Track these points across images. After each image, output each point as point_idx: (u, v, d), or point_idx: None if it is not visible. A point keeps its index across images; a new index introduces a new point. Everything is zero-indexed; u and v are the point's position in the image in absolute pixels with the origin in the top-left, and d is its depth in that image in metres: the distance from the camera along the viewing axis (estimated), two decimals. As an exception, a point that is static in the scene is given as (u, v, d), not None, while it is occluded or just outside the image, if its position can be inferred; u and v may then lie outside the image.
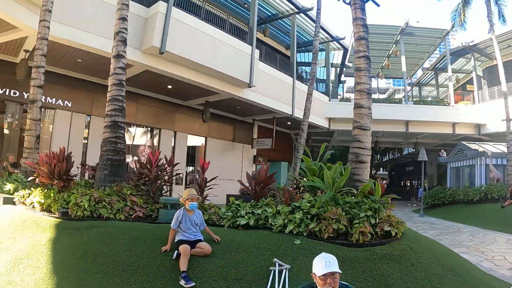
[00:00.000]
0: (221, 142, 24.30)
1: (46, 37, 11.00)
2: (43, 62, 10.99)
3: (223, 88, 18.11)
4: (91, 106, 17.64)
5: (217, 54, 16.73)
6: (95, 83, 17.64)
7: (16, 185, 9.47)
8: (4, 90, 15.37)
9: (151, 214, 7.74)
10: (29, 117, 10.76)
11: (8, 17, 11.69)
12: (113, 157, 8.89)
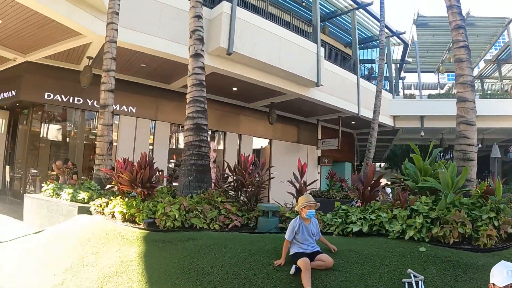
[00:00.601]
0: (285, 143, 23.51)
1: (115, 40, 10.56)
2: (113, 66, 10.52)
3: (290, 88, 17.31)
4: (155, 111, 17.43)
5: (284, 53, 15.97)
6: (159, 88, 17.48)
7: (91, 193, 8.93)
8: (68, 98, 15.34)
9: (247, 222, 7.05)
10: (100, 123, 10.28)
11: (72, 24, 11.37)
12: (197, 161, 8.23)
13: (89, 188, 9.30)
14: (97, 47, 13.22)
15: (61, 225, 7.81)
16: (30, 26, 12.15)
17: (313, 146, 25.68)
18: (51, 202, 9.01)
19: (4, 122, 18.20)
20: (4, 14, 11.47)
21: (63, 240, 6.80)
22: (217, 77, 15.85)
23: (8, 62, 15.85)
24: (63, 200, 9.01)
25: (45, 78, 15.13)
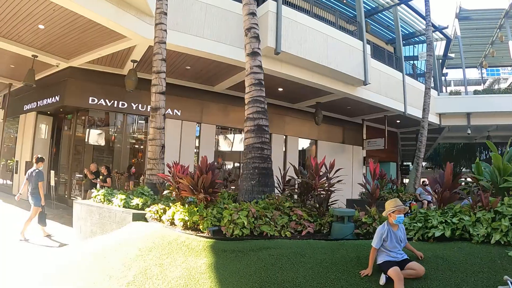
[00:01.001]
0: (331, 144, 22.88)
1: (164, 41, 10.22)
2: (163, 67, 10.17)
3: (337, 87, 16.73)
4: (200, 114, 17.17)
5: (331, 52, 15.43)
6: (203, 90, 17.22)
7: (145, 199, 8.53)
8: (112, 102, 15.22)
9: (320, 229, 6.54)
10: (152, 126, 9.93)
11: (117, 27, 11.11)
12: (260, 164, 7.78)
13: (142, 194, 8.92)
14: (142, 50, 12.99)
15: (117, 233, 7.43)
16: (74, 30, 11.96)
17: (358, 146, 24.94)
18: (103, 208, 8.65)
19: (47, 127, 18.17)
20: (47, 20, 11.32)
21: (122, 249, 6.39)
22: (265, 77, 15.30)
23: (51, 68, 15.80)
24: (115, 206, 8.65)
25: (88, 83, 15.04)
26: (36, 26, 11.82)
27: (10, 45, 13.37)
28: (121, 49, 13.10)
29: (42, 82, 15.91)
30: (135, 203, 8.46)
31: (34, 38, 12.91)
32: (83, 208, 9.27)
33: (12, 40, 13.19)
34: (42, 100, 16.43)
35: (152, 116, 9.99)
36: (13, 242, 9.10)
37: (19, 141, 18.79)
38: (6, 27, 12.16)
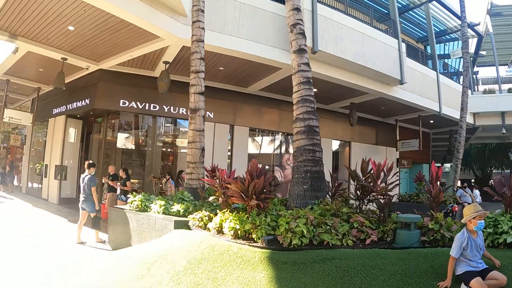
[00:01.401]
0: (364, 145, 22.26)
1: (202, 39, 9.82)
2: (202, 67, 9.77)
3: (373, 87, 16.21)
4: (233, 116, 16.75)
5: (367, 50, 14.96)
6: (236, 92, 16.81)
7: (186, 205, 8.05)
8: (144, 104, 14.92)
9: (382, 236, 6.05)
10: (191, 128, 9.50)
11: (151, 26, 10.78)
12: (312, 168, 7.30)
13: (182, 199, 8.46)
14: (175, 51, 12.62)
15: (158, 242, 6.99)
16: (105, 31, 11.67)
17: (391, 147, 24.24)
18: (141, 215, 8.21)
19: (77, 131, 17.99)
20: (77, 20, 11.03)
21: (168, 261, 5.93)
22: None
23: (81, 71, 15.58)
24: (154, 213, 8.23)
25: (119, 86, 14.79)
26: (66, 28, 11.57)
27: (39, 48, 13.16)
28: (153, 50, 12.75)
29: (72, 85, 15.70)
30: (175, 209, 8.00)
31: (63, 41, 12.66)
32: (119, 214, 8.86)
33: (41, 43, 12.97)
34: (72, 104, 16.21)
35: (191, 118, 9.56)
36: (59, 245, 8.78)
37: (48, 145, 18.63)
38: (35, 30, 11.94)
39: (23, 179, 22.14)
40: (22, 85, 19.44)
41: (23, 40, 12.66)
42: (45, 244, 9.05)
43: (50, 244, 9.10)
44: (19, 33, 12.35)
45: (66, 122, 17.35)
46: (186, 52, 12.61)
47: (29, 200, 17.89)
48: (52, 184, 17.32)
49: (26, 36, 12.51)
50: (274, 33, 13.06)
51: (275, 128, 18.14)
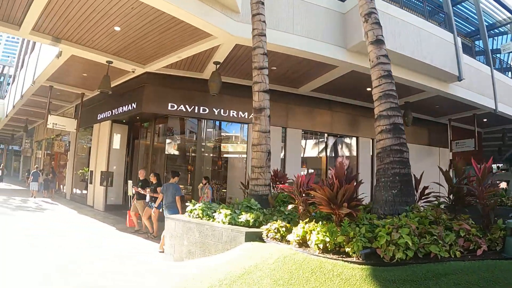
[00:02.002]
0: (416, 146, 20.86)
1: (264, 33, 9.05)
2: (265, 62, 8.98)
3: (430, 84, 15.23)
4: (285, 118, 16.03)
5: (424, 45, 14.02)
6: (288, 93, 16.10)
7: (256, 214, 7.24)
8: (193, 107, 14.44)
9: (489, 245, 5.18)
10: (256, 129, 8.71)
11: (204, 24, 10.17)
12: (401, 170, 6.45)
13: (249, 208, 7.68)
14: (227, 50, 12.00)
15: (228, 256, 6.23)
16: (152, 31, 11.12)
17: (444, 148, 22.96)
18: (205, 225, 7.45)
19: (122, 136, 17.61)
20: (123, 20, 10.54)
21: (251, 281, 5.14)
22: (352, 77, 14.23)
23: (126, 75, 15.20)
24: (219, 223, 7.46)
25: (167, 89, 14.32)
26: (112, 29, 11.10)
27: (84, 51, 12.80)
28: (203, 50, 12.15)
29: (117, 90, 15.28)
30: (243, 219, 7.20)
31: (109, 43, 12.23)
32: (178, 225, 8.14)
33: (85, 46, 12.60)
34: (118, 108, 15.83)
35: (256, 118, 8.78)
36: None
37: (93, 150, 18.36)
38: (79, 32, 11.54)
39: (67, 185, 22.01)
40: (66, 91, 19.32)
41: (66, 44, 12.31)
42: (123, 255, 8.69)
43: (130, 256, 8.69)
44: (63, 36, 11.98)
45: (112, 128, 17.01)
46: (238, 51, 12.10)
47: (74, 206, 17.62)
48: (98, 190, 16.97)
49: (69, 39, 12.14)
50: (329, 29, 12.40)
51: (327, 130, 17.38)
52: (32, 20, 10.75)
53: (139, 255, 8.99)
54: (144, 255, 9.02)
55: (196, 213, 8.06)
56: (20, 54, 30.64)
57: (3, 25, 11.15)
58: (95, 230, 11.87)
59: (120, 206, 16.73)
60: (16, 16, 10.76)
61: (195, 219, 7.95)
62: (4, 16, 10.78)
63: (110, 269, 7.34)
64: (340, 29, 12.73)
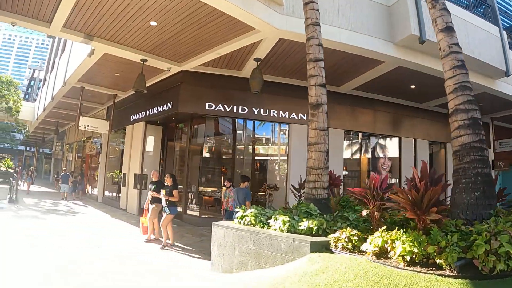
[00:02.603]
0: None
1: (318, 23, 8.39)
2: (321, 54, 8.38)
3: (475, 80, 14.25)
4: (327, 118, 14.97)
5: (471, 39, 13.27)
6: (329, 91, 14.83)
7: (319, 221, 6.52)
8: (231, 107, 13.92)
9: None
10: (313, 127, 8.08)
11: (247, 16, 9.57)
12: (482, 170, 5.78)
13: (308, 213, 6.98)
14: (269, 45, 11.39)
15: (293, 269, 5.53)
16: (191, 25, 10.54)
17: (487, 148, 21.78)
18: (261, 234, 6.74)
19: (157, 138, 17.13)
20: (160, 14, 10.03)
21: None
22: (399, 73, 13.45)
23: (161, 74, 14.72)
24: (275, 231, 6.76)
25: (204, 88, 13.85)
26: (148, 24, 10.57)
27: (117, 49, 12.39)
28: (244, 46, 11.57)
29: (151, 90, 14.80)
30: (305, 226, 6.47)
31: (144, 39, 11.73)
32: (228, 233, 7.46)
33: (119, 43, 12.16)
34: (152, 109, 15.38)
35: (313, 115, 8.13)
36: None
37: (126, 153, 17.95)
38: (113, 28, 11.07)
39: (99, 188, 21.70)
40: (97, 93, 19.04)
41: (99, 41, 11.90)
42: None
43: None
44: (95, 33, 11.55)
45: (146, 129, 16.56)
46: (280, 46, 11.54)
47: (107, 210, 17.21)
48: (131, 193, 16.53)
49: (102, 36, 11.72)
50: (375, 22, 11.72)
51: (370, 130, 16.62)
52: (63, 16, 10.35)
53: (186, 268, 8.33)
54: (191, 268, 8.36)
55: (248, 220, 7.40)
56: (50, 57, 30.69)
57: (33, 22, 10.78)
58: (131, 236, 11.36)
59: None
60: (46, 13, 10.36)
61: (247, 227, 7.30)
62: (34, 12, 10.40)
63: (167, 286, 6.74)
64: (386, 23, 12.05)
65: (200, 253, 9.44)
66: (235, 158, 14.55)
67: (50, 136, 41.36)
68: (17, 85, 29.15)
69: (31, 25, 10.92)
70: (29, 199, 19.74)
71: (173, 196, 9.94)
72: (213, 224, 7.96)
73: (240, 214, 7.71)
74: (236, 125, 14.61)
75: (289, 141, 14.62)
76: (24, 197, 19.82)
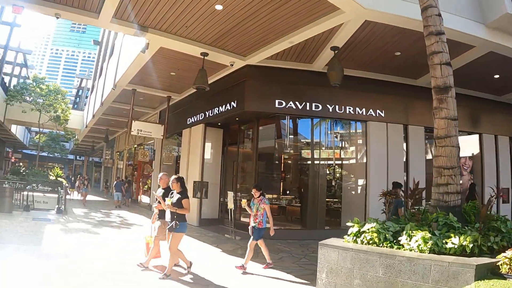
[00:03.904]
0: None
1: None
2: (442, 26, 6.78)
3: None
4: (405, 114, 13.56)
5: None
6: (406, 85, 13.62)
7: (473, 236, 4.81)
8: (304, 104, 12.42)
9: None
10: (441, 115, 6.39)
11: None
12: None
13: (448, 226, 5.27)
14: (352, 30, 9.83)
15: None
16: (262, 9, 9.14)
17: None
18: (395, 257, 4.92)
19: (217, 141, 15.78)
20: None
21: None
22: (488, 60, 11.63)
23: (223, 70, 13.49)
24: (412, 251, 5.08)
25: (272, 84, 12.52)
26: (212, 8, 9.24)
27: (175, 42, 11.12)
28: (321, 32, 9.99)
29: (212, 88, 13.09)
30: (454, 244, 4.78)
31: (206, 29, 10.38)
32: (344, 256, 5.67)
33: (177, 35, 10.87)
34: (213, 109, 14.07)
35: (440, 101, 6.44)
36: None
37: (183, 158, 16.76)
38: (171, 16, 9.79)
39: (152, 196, 20.35)
40: (149, 96, 18.17)
41: (154, 33, 10.63)
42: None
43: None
44: (150, 24, 10.30)
45: (205, 132, 15.22)
46: (361, 32, 10.01)
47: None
48: (191, 203, 15.04)
49: (158, 27, 10.46)
50: (464, 0, 10.11)
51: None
52: (113, 4, 9.16)
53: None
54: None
55: (369, 237, 5.72)
56: (98, 63, 30.50)
57: (80, 13, 9.80)
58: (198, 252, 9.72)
59: (215, 221, 15.04)
60: (94, 2, 9.28)
61: (370, 247, 5.63)
62: (80, 2, 9.36)
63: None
64: (476, 1, 10.43)
65: (295, 276, 7.74)
66: (312, 162, 13.08)
67: (99, 145, 41.39)
68: (65, 93, 28.56)
69: (78, 16, 9.94)
70: (78, 209, 18.78)
71: (183, 208, 7.21)
72: (321, 244, 6.24)
73: (355, 229, 6.04)
74: (312, 124, 13.13)
75: (366, 141, 12.98)
76: (73, 207, 18.75)
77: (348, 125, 13.73)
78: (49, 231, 11.28)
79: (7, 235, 10.01)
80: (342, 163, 14.05)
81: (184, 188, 7.55)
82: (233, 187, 14.56)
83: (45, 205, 16.28)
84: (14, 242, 9.11)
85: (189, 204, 7.32)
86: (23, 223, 12.24)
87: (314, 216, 12.62)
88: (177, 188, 7.45)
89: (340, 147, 14.11)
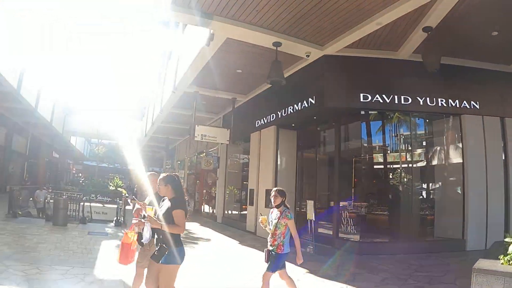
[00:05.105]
0: None
1: None
2: None
3: None
4: (502, 105, 11.63)
5: None
6: (502, 72, 11.66)
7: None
8: (391, 97, 10.83)
9: None
10: None
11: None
12: None
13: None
14: (449, 4, 8.27)
15: None
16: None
17: None
18: None
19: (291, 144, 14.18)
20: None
21: None
22: None
23: (296, 63, 12.02)
24: None
25: (354, 75, 10.95)
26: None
27: (244, 31, 9.65)
28: (413, 10, 8.39)
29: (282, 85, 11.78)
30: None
31: (279, 13, 8.88)
32: (493, 283, 4.12)
33: (246, 22, 9.38)
34: (286, 109, 12.62)
35: None
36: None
37: (252, 164, 15.46)
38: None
39: (218, 207, 19.72)
40: (212, 99, 17.04)
41: (220, 20, 9.16)
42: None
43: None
44: (215, 11, 8.84)
45: (278, 135, 13.81)
46: (460, 6, 8.33)
47: (231, 233, 14.68)
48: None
49: (224, 13, 9.00)
50: None
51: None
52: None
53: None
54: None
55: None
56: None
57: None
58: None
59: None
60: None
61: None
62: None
63: None
64: None
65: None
66: (403, 166, 11.51)
67: (159, 155, 41.18)
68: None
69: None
70: (138, 220, 17.76)
71: (173, 225, 4.38)
72: (475, 270, 4.53)
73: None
74: (401, 120, 11.73)
75: (462, 138, 11.21)
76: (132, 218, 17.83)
77: (441, 120, 11.96)
78: (105, 248, 10.05)
79: (56, 253, 8.80)
80: (435, 164, 12.26)
81: (178, 194, 4.68)
82: (310, 195, 12.91)
83: (104, 216, 15.64)
84: (62, 264, 7.77)
85: (183, 219, 4.45)
86: (76, 238, 11.29)
87: (407, 226, 11.09)
88: (168, 193, 4.66)
89: (432, 146, 12.36)
